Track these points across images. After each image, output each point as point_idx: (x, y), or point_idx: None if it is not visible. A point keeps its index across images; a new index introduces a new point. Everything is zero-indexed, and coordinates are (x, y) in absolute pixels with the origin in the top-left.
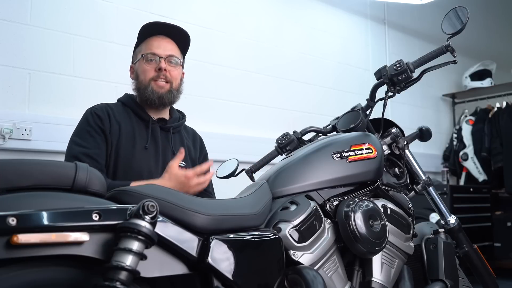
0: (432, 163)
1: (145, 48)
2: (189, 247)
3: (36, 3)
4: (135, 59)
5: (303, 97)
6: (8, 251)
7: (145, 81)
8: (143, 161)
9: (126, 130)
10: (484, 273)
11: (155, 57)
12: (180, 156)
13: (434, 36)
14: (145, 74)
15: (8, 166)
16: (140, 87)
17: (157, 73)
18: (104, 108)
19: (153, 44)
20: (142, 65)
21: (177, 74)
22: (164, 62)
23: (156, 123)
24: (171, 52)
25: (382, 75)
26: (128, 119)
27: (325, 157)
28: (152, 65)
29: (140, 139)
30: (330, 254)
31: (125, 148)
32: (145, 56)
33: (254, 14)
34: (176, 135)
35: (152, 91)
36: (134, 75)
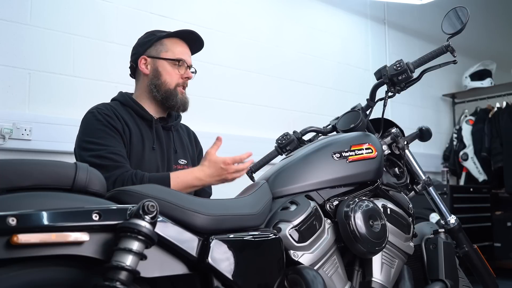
0: (432, 163)
1: (175, 50)
2: (189, 247)
3: (36, 3)
4: (155, 53)
5: (303, 97)
6: (8, 251)
7: (170, 85)
8: (152, 161)
9: (134, 130)
10: (484, 273)
11: (184, 65)
12: (218, 143)
13: (434, 36)
14: (172, 78)
15: (8, 166)
16: (166, 89)
17: (183, 81)
18: (109, 107)
19: (182, 49)
20: (169, 68)
21: None
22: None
23: (158, 122)
24: (191, 62)
25: (382, 75)
26: (132, 119)
27: (325, 157)
28: (181, 71)
29: (147, 140)
30: (330, 254)
31: (136, 148)
32: (179, 62)
33: (254, 14)
34: (175, 133)
35: (179, 97)
36: (153, 71)
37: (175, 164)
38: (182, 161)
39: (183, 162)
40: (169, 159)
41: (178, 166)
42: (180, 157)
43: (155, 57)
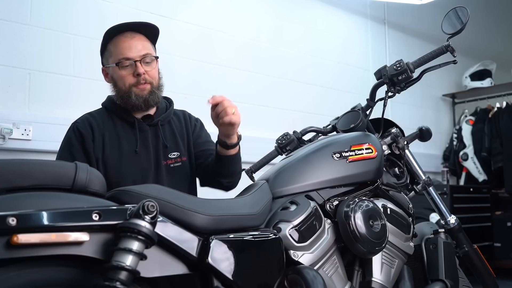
0: (432, 163)
1: (115, 52)
2: (189, 247)
3: (36, 3)
4: (106, 62)
5: (303, 97)
6: (8, 251)
7: (125, 88)
8: (134, 165)
9: (111, 139)
10: (484, 273)
11: (129, 61)
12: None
13: (434, 36)
14: (123, 81)
15: (8, 166)
16: (122, 94)
17: (136, 78)
18: (86, 121)
19: (123, 45)
20: (117, 72)
21: (155, 71)
22: (141, 65)
23: (142, 122)
24: (145, 51)
25: (382, 75)
26: (113, 125)
27: (325, 157)
28: (128, 71)
29: (127, 144)
30: (330, 254)
31: (112, 158)
32: (119, 64)
33: (254, 14)
34: (165, 126)
35: (136, 96)
36: (110, 80)
37: (165, 160)
38: (173, 154)
39: (174, 155)
40: (158, 157)
41: (169, 161)
42: (171, 151)
43: (107, 66)
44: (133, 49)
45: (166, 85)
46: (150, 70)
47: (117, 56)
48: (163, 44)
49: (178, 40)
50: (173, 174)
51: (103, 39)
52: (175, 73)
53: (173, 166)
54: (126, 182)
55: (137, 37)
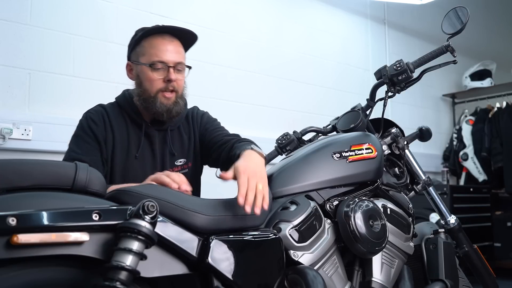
0: (432, 163)
1: (150, 52)
2: (189, 247)
3: (36, 3)
4: (135, 58)
5: (303, 97)
6: (8, 251)
7: (151, 91)
8: (138, 170)
9: (120, 137)
10: (484, 273)
11: (163, 65)
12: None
13: (434, 36)
14: (151, 84)
15: (8, 166)
16: (146, 97)
17: (165, 84)
18: (99, 112)
19: (161, 47)
20: (148, 73)
21: (183, 80)
22: (173, 71)
23: (151, 126)
24: (179, 59)
25: (382, 75)
26: (123, 123)
27: (325, 157)
28: (160, 74)
29: (133, 146)
30: (330, 254)
31: (119, 158)
32: (153, 65)
33: (254, 14)
34: (174, 131)
35: (160, 104)
36: (135, 77)
37: (171, 167)
38: (180, 161)
39: (181, 162)
40: (164, 164)
41: (175, 168)
42: (178, 158)
43: (135, 62)
44: (169, 53)
45: None
46: (180, 79)
47: (151, 57)
48: None
49: None
50: None
51: (138, 33)
52: None
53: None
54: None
55: (175, 42)
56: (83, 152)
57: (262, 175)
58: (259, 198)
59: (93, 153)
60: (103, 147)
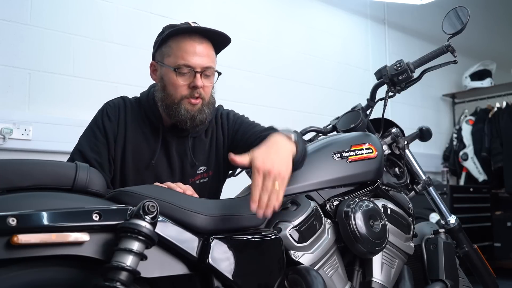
0: (432, 163)
1: (177, 54)
2: (189, 247)
3: (36, 3)
4: (160, 59)
5: (303, 97)
6: (8, 251)
7: (175, 98)
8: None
9: (134, 138)
10: (484, 273)
11: (189, 69)
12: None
13: (434, 36)
14: (175, 89)
15: (8, 166)
16: (169, 103)
17: (190, 90)
18: (117, 106)
19: (188, 49)
20: (172, 77)
21: (211, 87)
22: (201, 77)
23: (169, 132)
24: (208, 63)
25: (382, 75)
26: (142, 124)
27: (325, 157)
28: (185, 80)
29: (147, 152)
30: (330, 254)
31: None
32: (178, 70)
33: (254, 15)
34: (197, 139)
35: (184, 111)
36: (159, 79)
37: (192, 177)
38: (201, 169)
39: (201, 170)
40: (183, 173)
41: (196, 177)
42: (199, 166)
43: (160, 63)
44: (197, 57)
45: None
46: (208, 85)
47: (177, 60)
48: None
49: None
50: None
51: (166, 31)
52: None
53: (199, 183)
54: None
55: (205, 44)
56: (91, 148)
57: (281, 169)
58: (273, 199)
59: (100, 150)
60: (112, 145)
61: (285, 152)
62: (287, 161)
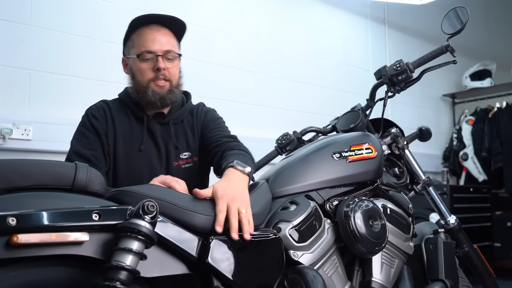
0: (432, 163)
1: (138, 43)
2: (189, 247)
3: (36, 3)
4: (127, 53)
5: (303, 97)
6: (8, 251)
7: (143, 82)
8: (141, 163)
9: (122, 131)
10: (484, 273)
11: (151, 55)
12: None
13: (434, 36)
14: (142, 75)
15: (8, 166)
16: (139, 88)
17: (155, 73)
18: (101, 107)
19: (147, 38)
20: (137, 64)
21: (176, 70)
22: (162, 60)
23: (152, 119)
24: (168, 47)
25: (382, 75)
26: (126, 117)
27: (325, 157)
28: (149, 64)
29: (136, 139)
30: (330, 254)
31: (123, 151)
32: (140, 56)
33: (254, 14)
34: (178, 125)
35: (153, 93)
36: (129, 71)
37: (176, 161)
38: (185, 154)
39: (186, 155)
40: (168, 157)
41: (180, 161)
42: (182, 151)
43: (127, 56)
44: (157, 42)
45: None
46: (171, 67)
47: (139, 48)
48: None
49: None
50: (184, 175)
51: (128, 28)
52: None
53: (185, 167)
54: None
55: (163, 31)
56: (84, 147)
57: (243, 197)
58: (245, 224)
59: (94, 147)
60: (104, 140)
61: (242, 184)
62: (245, 190)
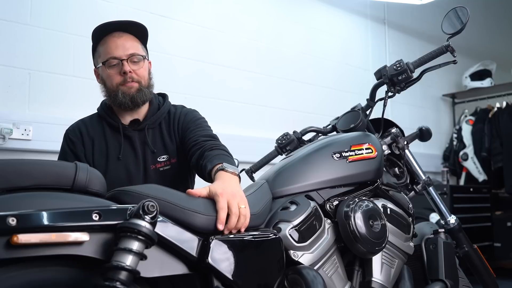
0: (432, 163)
1: (103, 52)
2: (189, 247)
3: (36, 3)
4: (96, 63)
5: (303, 97)
6: (8, 251)
7: (113, 87)
8: (119, 171)
9: (99, 145)
10: (484, 273)
11: (116, 61)
12: None
13: (434, 36)
14: (111, 80)
15: (8, 166)
16: (110, 94)
17: (123, 77)
18: (76, 128)
19: (111, 45)
20: (105, 71)
21: (144, 70)
22: (127, 63)
23: (127, 127)
24: (132, 50)
25: (382, 75)
26: (102, 131)
27: (325, 157)
28: (115, 70)
29: (113, 150)
30: (330, 254)
31: (99, 164)
32: (106, 63)
33: (254, 14)
34: (155, 130)
35: (122, 94)
36: (101, 80)
37: (153, 164)
38: (162, 157)
39: (164, 158)
40: (146, 162)
41: (158, 164)
42: (159, 155)
43: (97, 67)
44: (120, 48)
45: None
46: (138, 69)
47: (105, 56)
48: (163, 44)
49: (178, 40)
50: (163, 178)
51: (93, 41)
52: (175, 73)
53: (163, 170)
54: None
55: (124, 36)
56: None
57: (241, 194)
58: (242, 220)
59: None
60: (83, 160)
61: (237, 183)
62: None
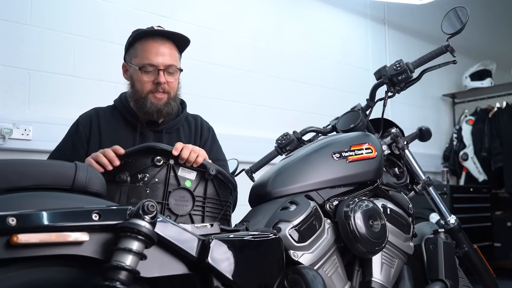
0: (432, 163)
1: (141, 54)
2: (189, 247)
3: (36, 3)
4: (129, 60)
5: (303, 97)
6: (8, 251)
7: (142, 93)
8: None
9: (108, 139)
10: (484, 273)
11: (153, 68)
12: None
13: (434, 36)
14: (142, 86)
15: (8, 166)
16: (137, 98)
17: (155, 86)
18: (89, 116)
19: (151, 51)
20: (138, 75)
21: (176, 82)
22: (163, 74)
23: (146, 127)
24: (170, 61)
25: (382, 75)
26: (116, 125)
27: (325, 157)
28: (149, 77)
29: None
30: (330, 254)
31: None
32: (142, 68)
33: (254, 14)
34: (172, 134)
35: (151, 104)
36: (129, 78)
37: None
38: None
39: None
40: None
41: None
42: None
43: (129, 64)
44: (159, 56)
45: None
46: (172, 81)
47: (142, 60)
48: None
49: None
50: None
51: (132, 35)
52: None
53: None
54: None
55: (166, 44)
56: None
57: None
58: (193, 155)
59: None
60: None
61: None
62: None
